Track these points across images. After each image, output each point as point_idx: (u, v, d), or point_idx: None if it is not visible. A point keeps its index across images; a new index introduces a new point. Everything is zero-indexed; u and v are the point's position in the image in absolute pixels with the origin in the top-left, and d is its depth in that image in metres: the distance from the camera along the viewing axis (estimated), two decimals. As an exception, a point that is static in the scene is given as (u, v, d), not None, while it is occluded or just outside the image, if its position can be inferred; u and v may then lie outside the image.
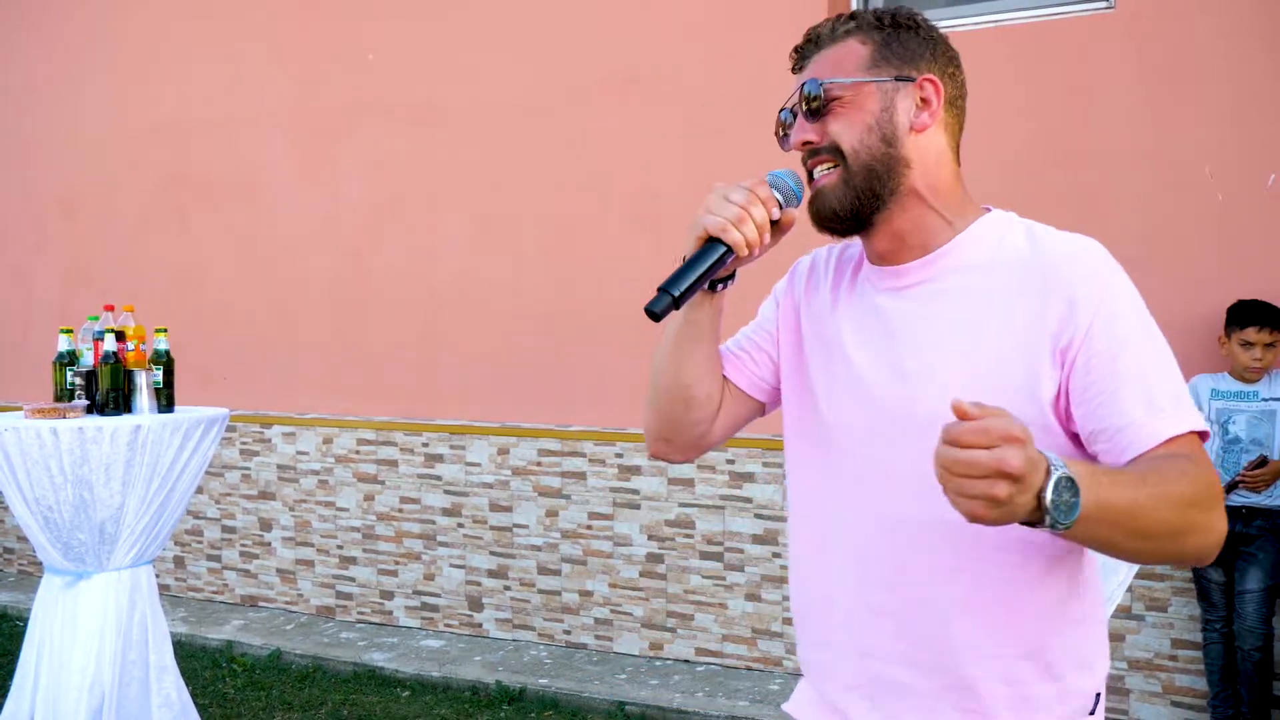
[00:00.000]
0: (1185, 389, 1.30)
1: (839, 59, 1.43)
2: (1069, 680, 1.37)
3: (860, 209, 1.40)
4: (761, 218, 1.40)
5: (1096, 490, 1.10)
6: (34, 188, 6.61)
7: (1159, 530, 1.17)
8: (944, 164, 1.42)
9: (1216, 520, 1.22)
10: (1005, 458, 1.02)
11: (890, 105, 1.39)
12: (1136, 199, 4.13)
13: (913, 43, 1.42)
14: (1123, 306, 1.31)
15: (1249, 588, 3.85)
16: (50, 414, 3.39)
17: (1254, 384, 3.91)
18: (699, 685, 4.61)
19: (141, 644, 3.55)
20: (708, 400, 1.57)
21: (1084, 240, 1.37)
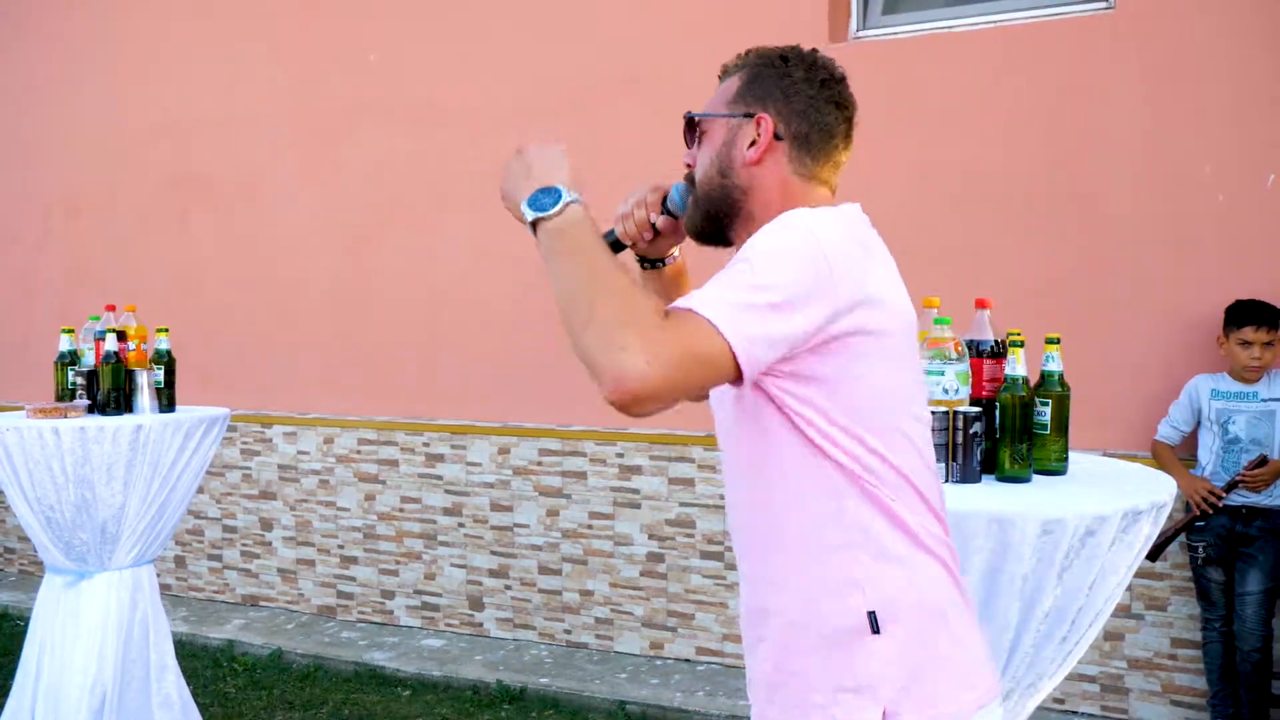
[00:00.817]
0: (734, 298, 1.34)
1: (718, 93, 1.66)
2: (826, 603, 1.47)
3: (706, 228, 1.64)
4: (640, 219, 1.71)
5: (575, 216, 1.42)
6: (35, 188, 6.61)
7: (589, 290, 1.33)
8: (781, 190, 1.58)
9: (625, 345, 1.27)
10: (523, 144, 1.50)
11: (732, 140, 1.60)
12: (1136, 199, 4.13)
13: (769, 82, 1.59)
14: (748, 245, 1.41)
15: (1249, 590, 3.85)
16: (52, 414, 3.40)
17: (1253, 384, 3.92)
18: (700, 684, 4.61)
19: (142, 643, 3.56)
20: None
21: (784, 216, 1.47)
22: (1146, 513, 2.04)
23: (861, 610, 1.45)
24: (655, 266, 1.80)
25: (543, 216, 1.42)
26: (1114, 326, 4.15)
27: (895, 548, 1.47)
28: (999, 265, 4.28)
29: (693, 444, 4.83)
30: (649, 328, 1.29)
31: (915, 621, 1.46)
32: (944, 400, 2.10)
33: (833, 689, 1.46)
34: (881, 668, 1.44)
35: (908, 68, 4.48)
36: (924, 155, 4.41)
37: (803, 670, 1.49)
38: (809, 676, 1.48)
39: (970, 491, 2.08)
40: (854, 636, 1.45)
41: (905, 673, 1.44)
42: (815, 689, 1.47)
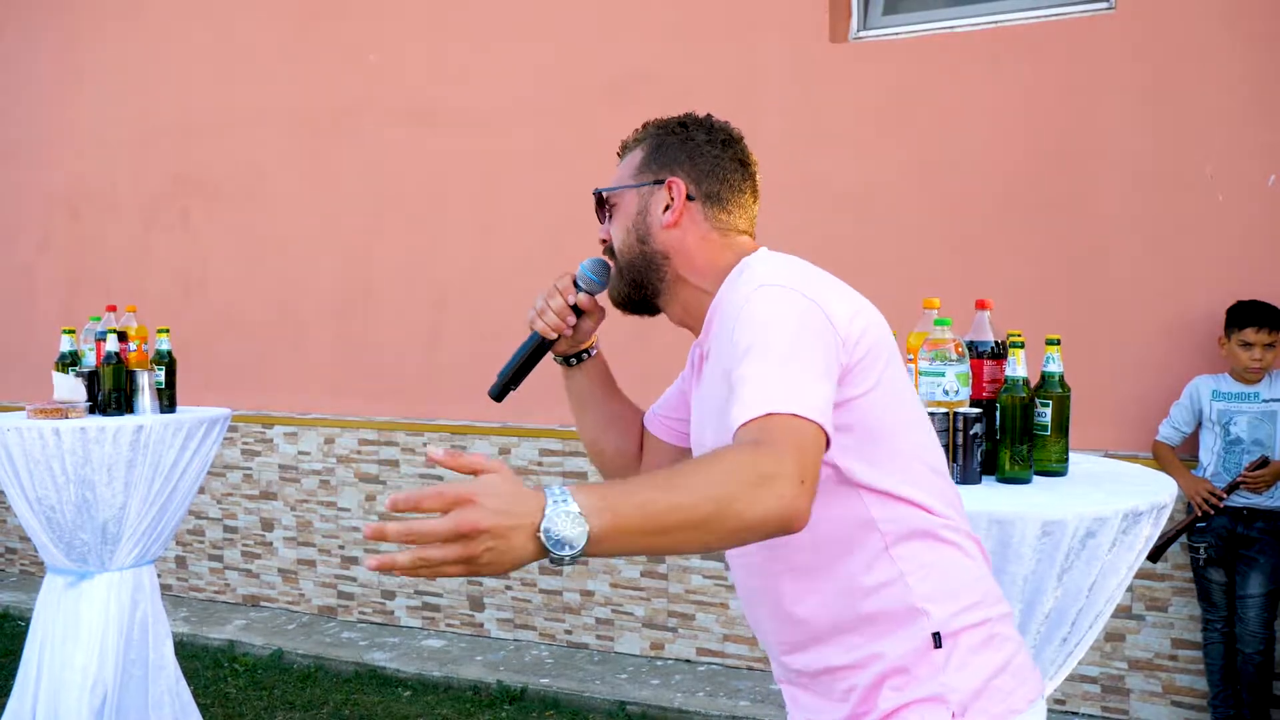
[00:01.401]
0: (790, 380, 1.30)
1: (623, 167, 1.69)
2: (895, 632, 1.47)
3: (634, 297, 1.67)
4: (559, 307, 1.72)
5: (610, 512, 1.13)
6: (38, 188, 6.62)
7: (682, 519, 1.17)
8: (705, 247, 1.61)
9: (769, 488, 1.20)
10: (459, 519, 1.08)
11: (645, 207, 1.63)
12: (1137, 200, 4.13)
13: (673, 148, 1.64)
14: (746, 324, 1.39)
15: (1250, 592, 3.85)
16: (53, 414, 3.40)
17: (1255, 385, 3.91)
18: (700, 685, 4.61)
19: (143, 643, 3.56)
20: (618, 454, 1.85)
21: (747, 278, 1.49)
22: (1146, 514, 2.04)
23: (927, 633, 1.47)
24: (580, 360, 1.82)
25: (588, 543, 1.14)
26: (1114, 327, 4.15)
27: (947, 555, 1.50)
28: (999, 266, 4.28)
29: (693, 444, 4.82)
30: (747, 461, 1.22)
31: (974, 628, 1.49)
32: (944, 401, 2.10)
33: (905, 702, 1.48)
34: (949, 677, 1.46)
35: (908, 68, 4.48)
36: (924, 155, 4.41)
37: (873, 696, 1.50)
38: (879, 699, 1.49)
39: (970, 492, 2.08)
40: (921, 656, 1.47)
41: (971, 676, 1.47)
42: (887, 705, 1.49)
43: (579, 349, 1.81)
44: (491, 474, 1.14)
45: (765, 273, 1.47)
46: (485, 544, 1.09)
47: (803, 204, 4.42)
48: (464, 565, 1.09)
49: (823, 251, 1.98)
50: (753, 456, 1.22)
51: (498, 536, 1.09)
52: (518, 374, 1.78)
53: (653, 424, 1.85)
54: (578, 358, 1.82)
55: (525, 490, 1.13)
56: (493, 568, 1.11)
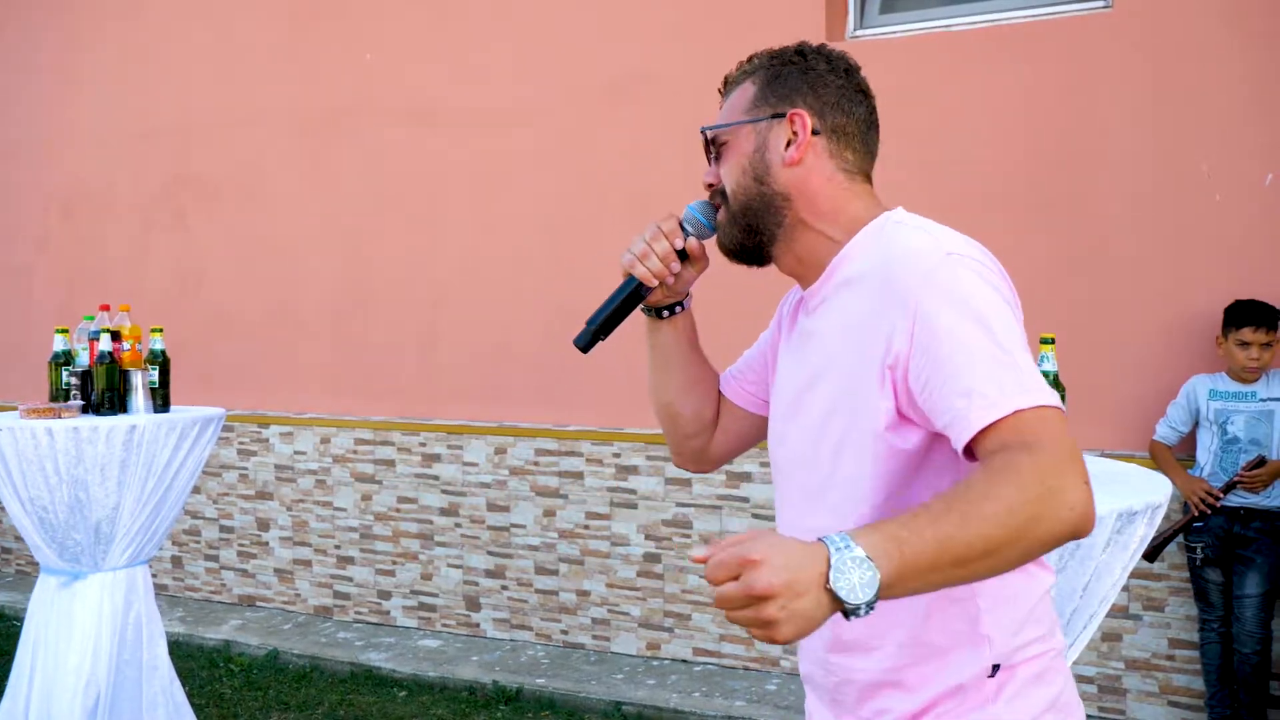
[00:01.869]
0: (1021, 367, 1.24)
1: (733, 103, 1.54)
2: (952, 655, 1.37)
3: (747, 244, 1.52)
4: (664, 251, 1.56)
5: (898, 553, 1.09)
6: (36, 188, 6.61)
7: (988, 548, 1.13)
8: (830, 189, 1.48)
9: (1061, 500, 1.15)
10: (750, 583, 1.05)
11: (763, 144, 1.48)
12: (1134, 198, 4.12)
13: (793, 78, 1.49)
14: (943, 301, 1.28)
15: (1247, 592, 3.84)
16: (45, 414, 3.39)
17: (1252, 384, 3.90)
18: (696, 685, 4.60)
19: (136, 644, 3.55)
20: (695, 418, 1.72)
21: (921, 238, 1.36)
22: (1141, 514, 2.03)
23: (986, 663, 1.37)
24: (673, 312, 1.66)
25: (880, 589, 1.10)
26: (1111, 326, 4.14)
27: (1017, 581, 1.39)
28: (996, 265, 4.27)
29: (690, 444, 4.81)
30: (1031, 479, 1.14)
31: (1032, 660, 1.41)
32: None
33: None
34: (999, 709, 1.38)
35: (905, 67, 4.47)
36: (921, 155, 4.40)
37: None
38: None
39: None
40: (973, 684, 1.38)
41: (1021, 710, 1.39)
42: None
43: (673, 300, 1.65)
44: (761, 533, 1.11)
45: (943, 239, 1.35)
46: (778, 605, 1.06)
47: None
48: (763, 629, 1.07)
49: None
50: (1035, 469, 1.15)
51: (790, 595, 1.06)
52: (609, 323, 1.59)
53: (730, 388, 1.73)
54: (670, 309, 1.66)
55: (805, 544, 1.10)
56: (791, 626, 1.07)
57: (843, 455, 1.39)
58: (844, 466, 1.39)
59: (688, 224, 1.58)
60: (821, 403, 1.43)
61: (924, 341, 1.27)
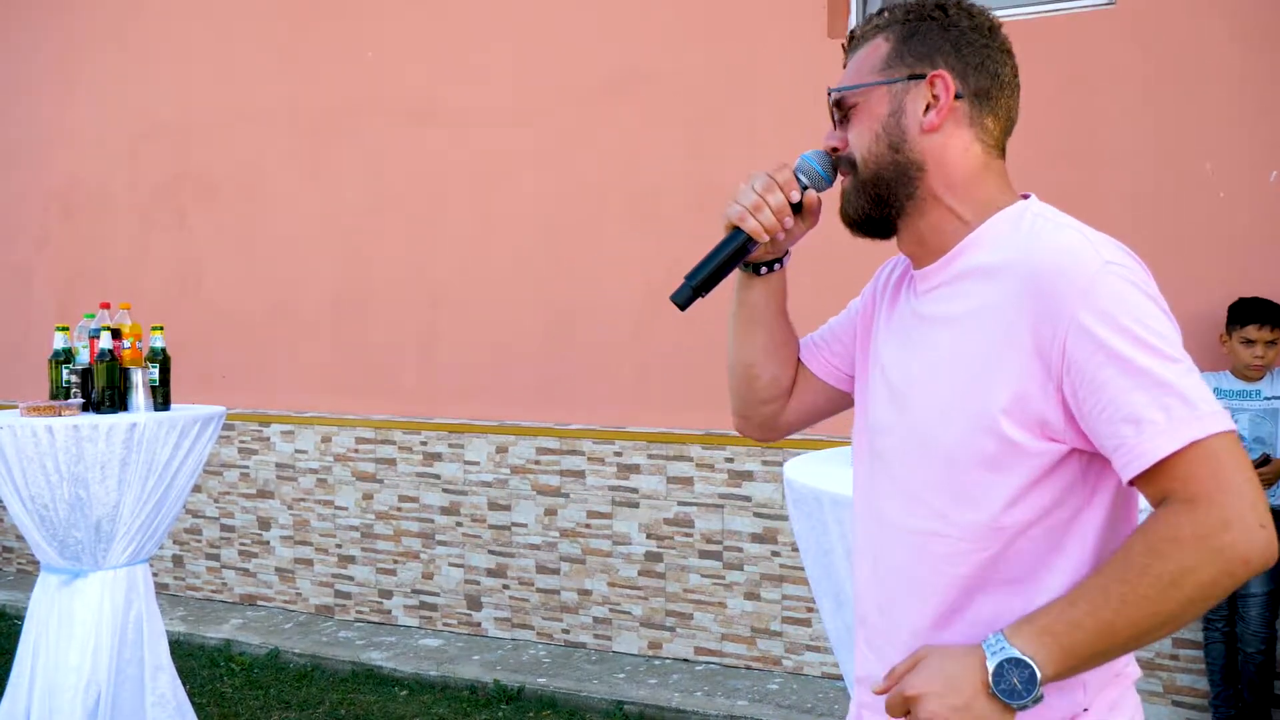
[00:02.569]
0: (1189, 388, 1.16)
1: (862, 61, 1.41)
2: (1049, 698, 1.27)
3: (873, 215, 1.40)
4: (779, 203, 1.42)
5: (1055, 644, 1.12)
6: (34, 186, 6.60)
7: (1155, 624, 1.12)
8: (966, 161, 1.36)
9: (1239, 549, 1.10)
10: (919, 717, 1.15)
11: (899, 108, 1.36)
12: (1137, 196, 4.11)
13: (933, 36, 1.37)
14: (1102, 314, 1.19)
15: (1252, 591, 3.83)
16: (46, 412, 3.38)
17: (1256, 382, 3.89)
18: (698, 684, 4.59)
19: (137, 642, 3.54)
20: (773, 383, 1.61)
21: (1074, 240, 1.27)
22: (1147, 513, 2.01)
23: (1078, 707, 1.29)
24: (771, 269, 1.54)
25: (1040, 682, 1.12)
26: (1115, 325, 4.13)
27: None
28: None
29: (691, 443, 4.81)
30: (1204, 530, 1.11)
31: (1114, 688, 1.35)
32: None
33: None
34: None
35: (908, 65, 4.45)
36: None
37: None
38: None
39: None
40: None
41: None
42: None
43: (774, 256, 1.53)
44: (919, 660, 1.17)
45: (1099, 245, 1.26)
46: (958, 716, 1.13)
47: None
48: None
49: (823, 249, 1.95)
50: (1195, 533, 1.11)
51: (959, 712, 1.13)
52: (711, 279, 1.44)
53: (810, 356, 1.62)
54: (769, 266, 1.53)
55: (961, 653, 1.14)
56: None
57: (959, 456, 1.28)
58: (959, 468, 1.29)
59: (803, 174, 1.45)
60: (941, 398, 1.31)
61: (1081, 360, 1.19)
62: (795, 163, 1.46)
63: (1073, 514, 1.27)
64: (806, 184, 1.45)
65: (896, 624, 1.36)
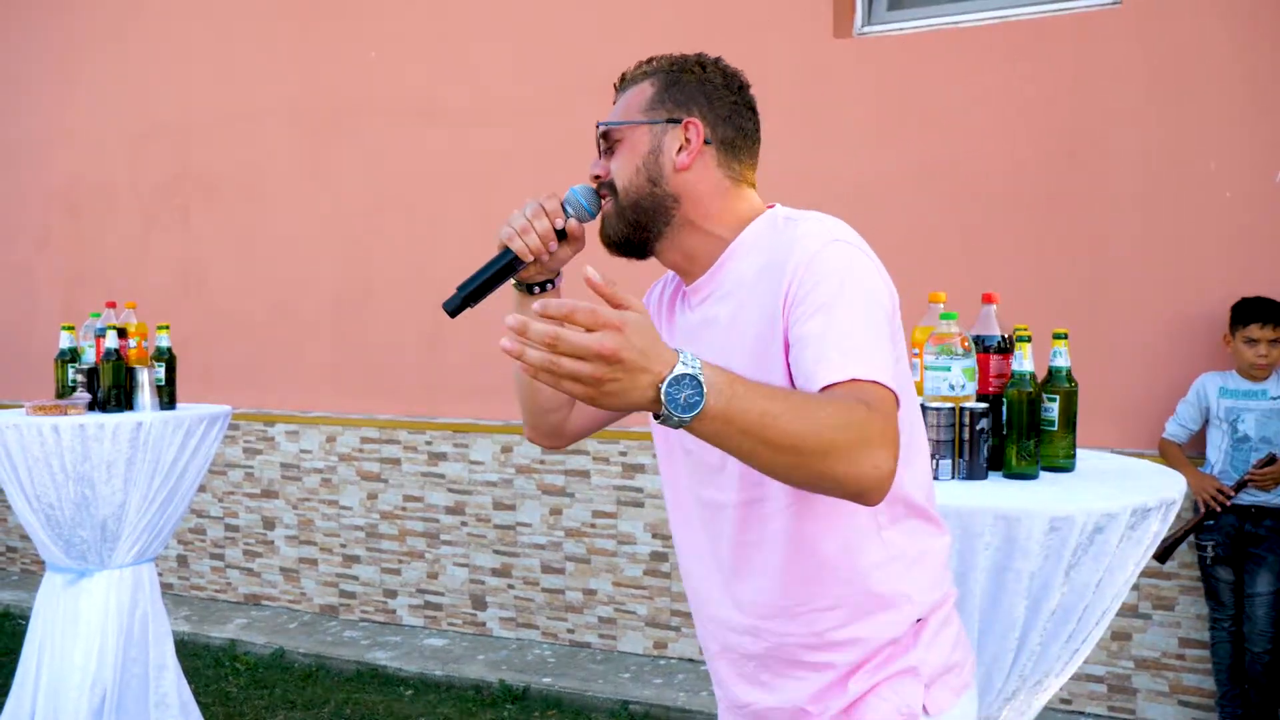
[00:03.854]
0: (873, 347, 1.33)
1: (630, 100, 1.60)
2: (881, 614, 1.49)
3: (632, 239, 1.58)
4: (544, 229, 1.61)
5: (728, 394, 1.17)
6: (37, 186, 6.61)
7: (792, 444, 1.20)
8: (717, 194, 1.55)
9: (871, 454, 1.23)
10: (603, 340, 1.10)
11: (658, 146, 1.55)
12: (1143, 196, 4.10)
13: (690, 87, 1.56)
14: (823, 275, 1.38)
15: (1259, 590, 3.82)
16: (52, 411, 3.38)
17: (1262, 382, 3.89)
18: (703, 684, 4.59)
19: (142, 642, 3.54)
20: (554, 398, 1.75)
21: (816, 224, 1.47)
22: (1155, 510, 2.01)
23: (911, 619, 1.50)
24: (544, 289, 1.71)
25: (697, 414, 1.18)
26: (1121, 323, 4.13)
27: (926, 542, 1.54)
28: (1004, 261, 4.26)
29: (696, 442, 4.80)
30: (861, 421, 1.24)
31: (941, 605, 1.55)
32: (950, 396, 2.08)
33: (877, 681, 1.51)
34: (922, 654, 1.51)
35: (912, 64, 4.45)
36: (929, 151, 4.39)
37: (843, 684, 1.52)
38: (850, 684, 1.51)
39: (977, 488, 2.06)
40: (900, 639, 1.51)
41: (939, 652, 1.53)
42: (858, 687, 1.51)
43: (546, 277, 1.71)
44: (637, 314, 1.16)
45: (833, 228, 1.46)
46: (615, 374, 1.12)
47: (808, 200, 4.36)
48: (588, 387, 1.12)
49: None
50: (866, 418, 1.24)
51: (629, 371, 1.13)
52: (479, 291, 1.64)
53: None
54: (541, 286, 1.71)
55: (662, 342, 1.18)
56: (609, 399, 1.13)
57: None
58: None
59: (569, 205, 1.62)
60: None
61: (800, 305, 1.38)
62: (564, 194, 1.63)
63: None
64: (571, 214, 1.62)
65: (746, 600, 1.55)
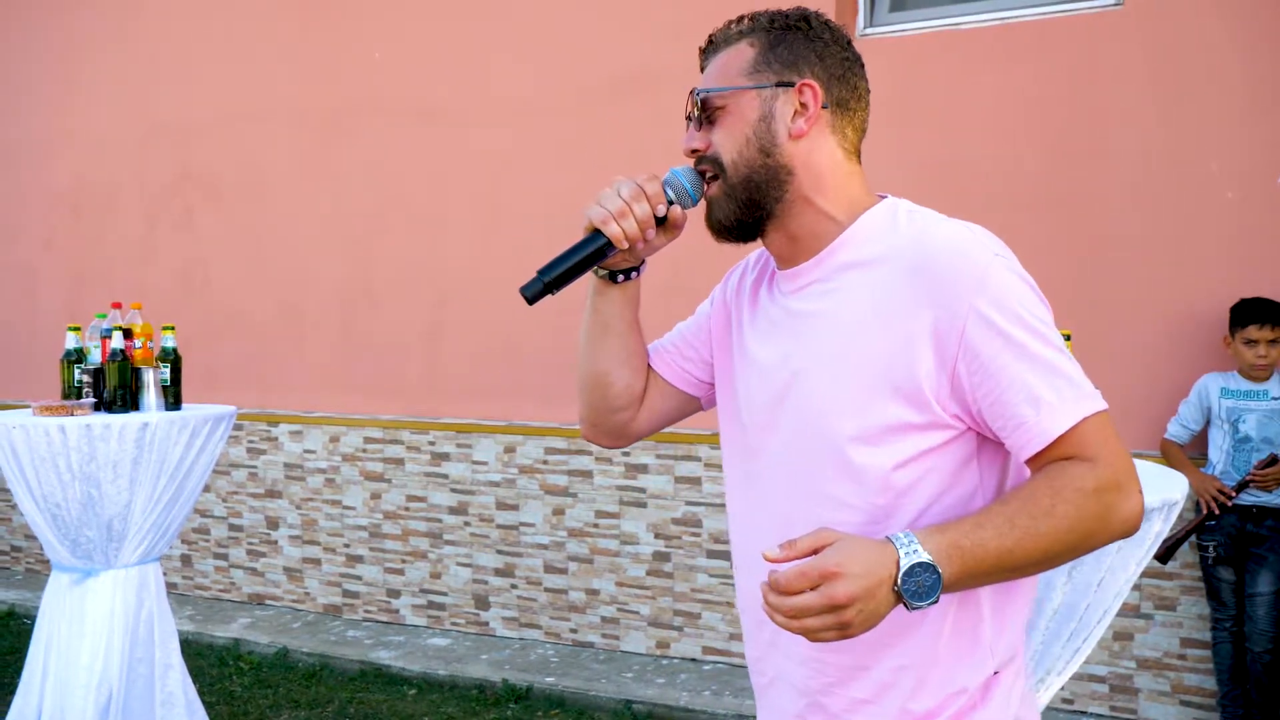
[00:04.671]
0: (1075, 372, 1.27)
1: (726, 64, 1.44)
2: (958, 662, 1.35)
3: (745, 219, 1.42)
4: (644, 214, 1.43)
5: (958, 556, 1.17)
6: (41, 186, 6.62)
7: (1044, 559, 1.21)
8: (831, 165, 1.41)
9: (1122, 509, 1.23)
10: (832, 593, 1.12)
11: (769, 113, 1.39)
12: (1145, 197, 4.11)
13: (799, 45, 1.41)
14: (998, 304, 1.26)
15: (1260, 590, 3.83)
16: (58, 411, 3.40)
17: (1264, 382, 3.90)
18: (706, 684, 4.60)
19: (148, 641, 3.55)
20: (626, 390, 1.62)
21: (962, 232, 1.33)
22: (1157, 510, 2.03)
23: (988, 671, 1.36)
24: (628, 277, 1.56)
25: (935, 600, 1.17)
26: (1122, 323, 4.14)
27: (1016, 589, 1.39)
28: (1007, 263, 4.26)
29: (699, 443, 4.82)
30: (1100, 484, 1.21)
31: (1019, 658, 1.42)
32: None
33: None
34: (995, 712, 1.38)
35: (915, 65, 4.47)
36: (930, 152, 4.40)
37: None
38: None
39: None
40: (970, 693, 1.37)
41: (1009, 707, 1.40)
42: None
43: (632, 265, 1.55)
44: (834, 543, 1.16)
45: (982, 237, 1.33)
46: (855, 609, 1.13)
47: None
48: (838, 630, 1.14)
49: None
50: (1097, 488, 1.21)
51: (866, 598, 1.14)
52: (566, 277, 1.45)
53: (660, 362, 1.65)
54: (625, 274, 1.55)
55: (874, 544, 1.17)
56: (863, 625, 1.15)
57: (858, 446, 1.32)
58: (859, 456, 1.32)
59: (670, 189, 1.46)
60: (834, 387, 1.34)
61: (979, 345, 1.26)
62: (665, 176, 1.46)
63: (967, 495, 1.33)
64: (673, 199, 1.46)
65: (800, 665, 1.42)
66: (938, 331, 1.27)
